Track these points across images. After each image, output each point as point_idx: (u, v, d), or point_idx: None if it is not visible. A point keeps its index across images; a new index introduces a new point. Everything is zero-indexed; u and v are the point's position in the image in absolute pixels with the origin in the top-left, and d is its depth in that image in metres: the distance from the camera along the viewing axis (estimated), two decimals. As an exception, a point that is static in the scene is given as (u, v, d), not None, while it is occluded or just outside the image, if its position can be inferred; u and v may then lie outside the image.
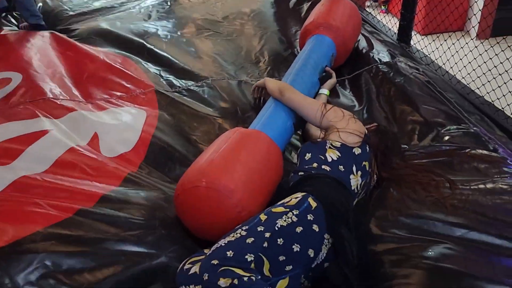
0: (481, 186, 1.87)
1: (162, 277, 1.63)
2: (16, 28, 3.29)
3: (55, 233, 1.72)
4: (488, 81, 2.97)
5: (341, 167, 1.81)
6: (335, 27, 2.58)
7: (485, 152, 2.05)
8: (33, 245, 1.67)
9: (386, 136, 2.23)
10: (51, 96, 2.44)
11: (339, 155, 1.83)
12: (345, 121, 1.90)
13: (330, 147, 1.84)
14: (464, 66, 3.12)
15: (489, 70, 3.04)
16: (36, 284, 1.55)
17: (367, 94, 2.51)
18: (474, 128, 2.18)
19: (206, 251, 1.64)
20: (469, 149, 2.06)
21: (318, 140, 1.95)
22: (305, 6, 3.10)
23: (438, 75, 2.62)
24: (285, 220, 1.56)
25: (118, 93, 2.52)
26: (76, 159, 2.08)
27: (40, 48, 2.89)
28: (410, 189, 1.94)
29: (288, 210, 1.59)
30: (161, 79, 2.69)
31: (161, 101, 2.48)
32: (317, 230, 1.57)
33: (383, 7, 6.19)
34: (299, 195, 1.66)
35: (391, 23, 3.58)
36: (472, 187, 1.87)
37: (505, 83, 2.90)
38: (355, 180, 1.85)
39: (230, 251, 1.48)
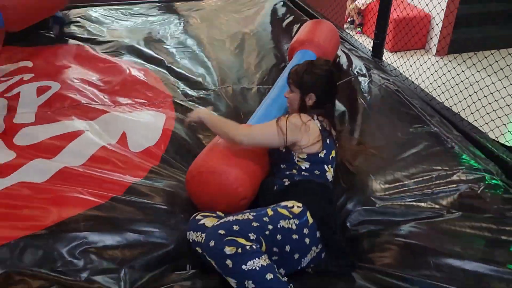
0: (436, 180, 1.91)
1: (184, 254, 1.66)
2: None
3: (93, 215, 1.75)
4: (447, 90, 3.02)
5: (316, 172, 1.79)
6: (316, 42, 2.60)
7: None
8: (75, 225, 1.70)
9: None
10: (85, 102, 2.43)
11: (310, 163, 1.79)
12: (305, 135, 1.77)
13: (298, 161, 1.80)
14: (427, 77, 3.17)
15: (448, 80, 3.09)
16: (78, 258, 1.58)
17: (348, 100, 2.52)
18: (435, 129, 2.21)
19: (218, 212, 1.70)
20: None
21: (283, 150, 1.84)
22: (295, 27, 3.11)
23: (405, 85, 2.65)
24: (287, 224, 1.54)
25: (142, 100, 2.52)
26: (108, 154, 2.09)
27: (76, 60, 2.87)
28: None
29: (291, 216, 1.57)
30: (178, 90, 2.68)
31: (177, 107, 2.48)
32: (307, 243, 1.57)
33: (358, 29, 6.23)
34: (300, 205, 1.62)
35: (365, 42, 3.60)
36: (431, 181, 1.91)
37: (461, 91, 2.94)
38: (330, 173, 1.84)
39: (237, 226, 1.46)
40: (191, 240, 1.61)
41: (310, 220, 1.59)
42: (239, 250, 1.38)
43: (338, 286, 1.56)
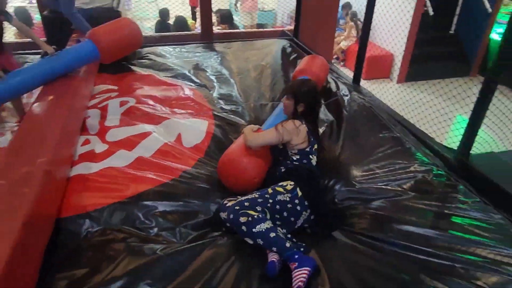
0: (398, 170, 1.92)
1: (218, 220, 1.66)
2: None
3: (159, 190, 1.79)
4: (406, 107, 3.03)
5: (304, 161, 1.79)
6: (312, 71, 2.59)
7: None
8: (147, 196, 1.74)
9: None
10: (152, 111, 2.46)
11: (299, 156, 1.79)
12: (295, 137, 1.77)
13: (291, 154, 1.79)
14: (392, 98, 3.18)
15: (407, 100, 3.10)
16: (149, 219, 1.63)
17: (336, 112, 2.52)
18: (397, 134, 2.20)
19: (238, 197, 1.67)
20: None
21: (281, 147, 1.85)
22: (298, 61, 3.09)
23: (376, 103, 2.64)
24: (282, 197, 1.59)
25: (191, 111, 2.52)
26: (169, 149, 2.10)
27: (146, 83, 2.90)
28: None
29: (285, 192, 1.61)
30: (216, 105, 2.69)
31: (216, 117, 2.49)
32: (299, 209, 1.60)
33: (341, 63, 6.22)
34: (292, 183, 1.65)
35: (348, 73, 3.60)
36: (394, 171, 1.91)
37: (416, 108, 2.95)
38: (314, 160, 1.84)
39: (247, 202, 1.52)
40: (222, 218, 1.61)
41: (299, 193, 1.61)
42: (250, 219, 1.45)
43: (327, 242, 1.57)
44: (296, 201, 1.60)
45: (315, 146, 1.86)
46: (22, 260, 1.20)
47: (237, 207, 1.51)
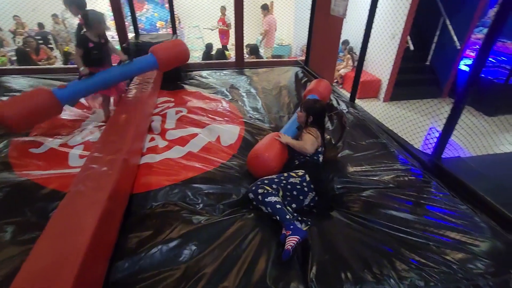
0: (384, 168, 1.88)
1: (247, 201, 1.63)
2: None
3: (204, 177, 1.80)
4: (391, 120, 2.95)
5: (314, 157, 1.77)
6: (318, 91, 2.57)
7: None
8: (195, 180, 1.75)
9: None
10: (198, 118, 2.46)
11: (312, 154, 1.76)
12: (315, 144, 1.77)
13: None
14: (380, 113, 3.10)
15: (391, 115, 3.02)
16: (197, 197, 1.64)
17: (337, 123, 2.48)
18: (384, 141, 2.16)
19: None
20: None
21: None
22: (308, 83, 3.03)
23: (367, 116, 2.60)
24: (294, 180, 1.61)
25: (227, 119, 2.52)
26: (211, 146, 2.10)
27: (194, 97, 2.90)
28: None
29: (296, 176, 1.63)
30: (247, 114, 2.67)
31: (246, 123, 2.48)
32: (306, 190, 1.60)
33: (340, 86, 6.12)
34: (302, 171, 1.66)
35: (345, 93, 3.53)
36: (381, 168, 1.87)
37: (398, 121, 2.88)
38: (321, 157, 1.82)
39: (266, 180, 1.59)
40: (250, 198, 1.59)
41: (308, 178, 1.63)
42: (264, 191, 1.52)
43: (327, 220, 1.53)
44: (304, 183, 1.61)
45: (321, 149, 1.86)
46: (107, 223, 1.24)
47: (258, 182, 1.59)
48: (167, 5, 7.86)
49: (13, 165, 1.82)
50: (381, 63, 5.11)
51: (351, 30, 4.81)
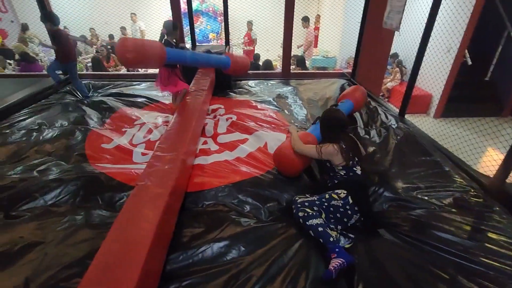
0: (438, 188, 1.75)
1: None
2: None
3: (251, 181, 1.82)
4: (443, 138, 2.75)
5: (350, 173, 1.66)
6: (353, 97, 2.58)
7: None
8: (243, 183, 1.79)
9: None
10: (247, 125, 2.51)
11: (344, 171, 1.65)
12: (336, 157, 1.64)
13: (337, 171, 1.67)
14: (430, 129, 2.91)
15: (442, 131, 2.81)
16: (243, 199, 1.67)
17: (385, 140, 2.35)
18: (437, 159, 2.01)
19: (307, 195, 1.64)
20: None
21: (328, 165, 1.71)
22: (344, 91, 2.86)
23: (418, 132, 2.45)
24: (336, 202, 1.53)
25: (273, 126, 2.54)
26: (259, 152, 2.12)
27: (243, 105, 2.97)
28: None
29: (338, 199, 1.54)
30: (291, 122, 2.67)
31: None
32: (350, 213, 1.53)
33: (386, 99, 5.84)
34: (345, 192, 1.55)
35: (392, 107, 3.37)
36: (435, 188, 1.75)
37: (449, 137, 2.67)
38: (358, 170, 1.67)
39: (307, 203, 1.54)
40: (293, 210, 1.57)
41: (351, 201, 1.54)
42: (305, 214, 1.47)
43: (374, 238, 1.47)
44: (347, 206, 1.53)
45: (356, 159, 1.69)
46: (168, 216, 1.34)
47: (299, 205, 1.53)
48: (219, 18, 8.27)
49: (89, 157, 2.05)
50: (433, 77, 4.78)
51: (402, 43, 4.59)
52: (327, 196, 1.57)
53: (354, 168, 1.70)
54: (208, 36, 8.50)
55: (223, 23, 4.09)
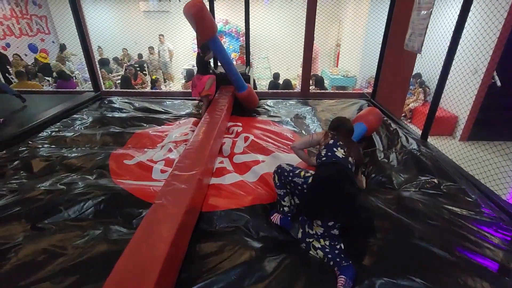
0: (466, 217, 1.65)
1: None
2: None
3: (265, 205, 1.80)
4: (470, 164, 2.62)
5: (329, 153, 1.56)
6: (366, 120, 2.55)
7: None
8: (258, 208, 1.76)
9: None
10: (265, 145, 2.52)
11: (325, 150, 1.59)
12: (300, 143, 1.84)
13: (320, 150, 1.63)
14: (455, 152, 2.78)
15: (469, 156, 2.68)
16: (257, 225, 1.64)
17: (405, 164, 2.24)
18: (463, 186, 1.92)
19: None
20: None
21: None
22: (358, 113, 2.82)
23: (442, 157, 2.35)
24: (298, 179, 1.54)
25: (289, 147, 2.49)
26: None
27: (261, 124, 2.98)
28: None
29: (301, 177, 1.52)
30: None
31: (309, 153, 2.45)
32: (306, 197, 1.50)
33: (409, 120, 5.69)
34: (311, 172, 1.53)
35: (414, 128, 3.26)
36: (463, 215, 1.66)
37: (478, 164, 2.53)
38: (340, 153, 1.56)
39: (283, 177, 1.64)
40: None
41: (310, 181, 1.50)
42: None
43: None
44: (305, 185, 1.47)
45: (338, 139, 1.62)
46: (182, 235, 1.36)
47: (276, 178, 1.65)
48: (241, 38, 8.56)
49: (112, 172, 2.14)
50: (458, 99, 4.61)
51: (425, 63, 4.51)
52: (296, 171, 1.54)
53: (335, 149, 1.56)
54: (230, 56, 8.79)
55: (244, 42, 4.22)
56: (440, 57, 2.47)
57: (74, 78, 6.44)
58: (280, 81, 5.72)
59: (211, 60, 3.45)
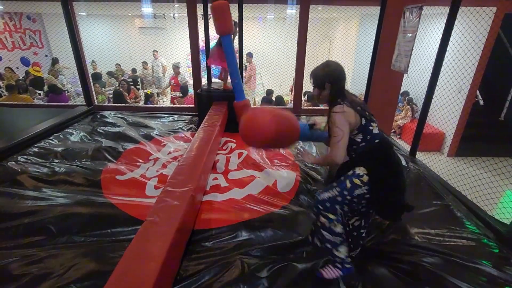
0: (449, 235, 1.70)
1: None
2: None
3: (262, 219, 1.82)
4: (457, 179, 2.69)
5: (368, 137, 1.30)
6: None
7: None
8: (251, 223, 1.77)
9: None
10: (258, 162, 2.55)
11: (362, 135, 1.31)
12: (354, 118, 1.27)
13: (353, 137, 1.31)
14: (443, 168, 2.85)
15: (456, 172, 2.76)
16: (254, 240, 1.65)
17: None
18: (449, 203, 1.96)
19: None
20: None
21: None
22: None
23: (430, 173, 2.42)
24: (359, 190, 1.28)
25: (285, 164, 2.55)
26: (268, 191, 2.12)
27: None
28: None
29: (362, 184, 1.27)
30: (302, 162, 2.61)
31: (301, 170, 2.47)
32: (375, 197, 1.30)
33: (398, 136, 5.82)
34: (364, 170, 1.27)
35: (403, 144, 3.35)
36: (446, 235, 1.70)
37: (465, 180, 2.61)
38: (376, 128, 1.33)
39: (328, 203, 1.31)
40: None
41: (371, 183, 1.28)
42: (326, 221, 1.30)
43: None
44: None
45: (370, 117, 1.31)
46: (173, 253, 1.35)
47: (320, 207, 1.28)
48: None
49: (104, 187, 2.12)
50: (444, 116, 4.78)
51: (412, 82, 4.69)
52: (348, 184, 1.25)
53: (371, 127, 1.28)
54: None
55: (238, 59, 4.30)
56: (426, 77, 2.59)
57: (66, 92, 6.42)
58: (273, 97, 5.82)
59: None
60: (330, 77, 1.31)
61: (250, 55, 6.64)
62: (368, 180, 1.23)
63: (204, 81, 4.24)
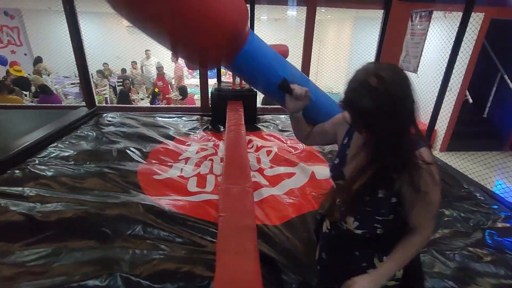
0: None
1: None
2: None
3: (300, 217, 1.84)
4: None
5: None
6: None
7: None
8: (294, 220, 1.83)
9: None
10: (288, 157, 2.57)
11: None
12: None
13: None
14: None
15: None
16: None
17: None
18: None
19: None
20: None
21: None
22: None
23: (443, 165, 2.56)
24: None
25: (309, 157, 2.61)
26: (310, 184, 2.16)
27: (274, 137, 3.06)
28: None
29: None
30: (327, 155, 2.71)
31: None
32: None
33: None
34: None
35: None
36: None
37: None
38: None
39: None
40: None
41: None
42: None
43: None
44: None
45: None
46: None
47: None
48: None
49: (143, 188, 2.07)
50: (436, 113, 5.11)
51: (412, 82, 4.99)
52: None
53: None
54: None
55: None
56: (425, 76, 2.76)
57: (55, 91, 6.08)
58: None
59: None
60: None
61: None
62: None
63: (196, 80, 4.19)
